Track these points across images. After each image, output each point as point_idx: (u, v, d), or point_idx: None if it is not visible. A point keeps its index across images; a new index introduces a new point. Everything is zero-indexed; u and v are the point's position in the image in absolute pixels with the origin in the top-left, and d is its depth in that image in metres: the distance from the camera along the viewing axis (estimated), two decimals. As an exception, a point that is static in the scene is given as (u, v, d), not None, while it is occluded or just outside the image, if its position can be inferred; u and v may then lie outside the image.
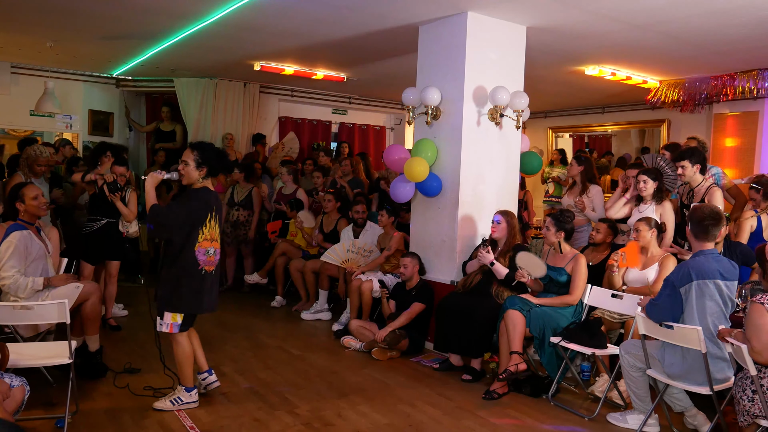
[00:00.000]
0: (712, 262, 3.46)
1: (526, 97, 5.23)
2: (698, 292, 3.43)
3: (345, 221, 6.77)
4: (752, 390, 3.04)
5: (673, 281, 3.51)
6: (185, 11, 5.58)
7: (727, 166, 7.83)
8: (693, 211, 3.69)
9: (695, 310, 3.43)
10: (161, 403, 3.85)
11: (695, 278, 3.42)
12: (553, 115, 10.88)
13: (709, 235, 3.53)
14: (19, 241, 4.00)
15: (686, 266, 3.50)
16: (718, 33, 5.52)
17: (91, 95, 9.15)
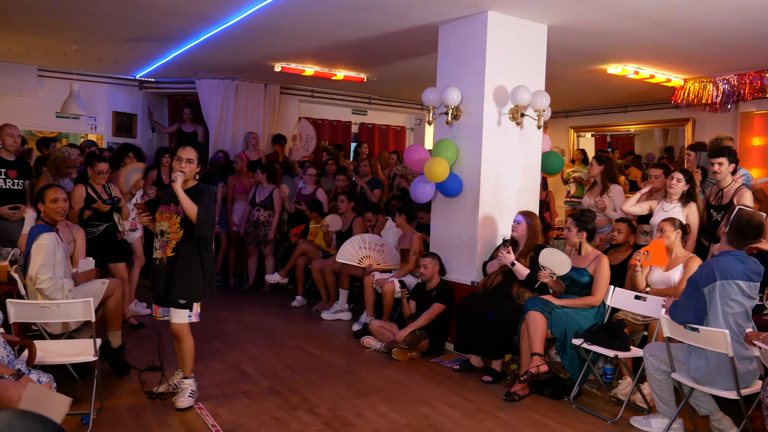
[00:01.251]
0: (737, 262, 3.40)
1: (548, 96, 5.18)
2: (722, 292, 3.36)
3: (361, 220, 6.79)
4: (780, 394, 2.97)
5: (697, 281, 3.45)
6: (207, 13, 5.63)
7: (754, 166, 7.68)
8: (738, 215, 3.55)
9: (719, 311, 3.36)
10: (182, 401, 3.89)
11: (719, 278, 3.35)
12: (575, 114, 10.78)
13: (741, 242, 3.45)
14: (49, 243, 4.05)
15: (710, 266, 3.43)
16: (743, 30, 5.42)
17: (115, 97, 9.29)
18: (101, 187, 5.42)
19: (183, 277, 3.80)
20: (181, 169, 3.76)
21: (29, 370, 3.08)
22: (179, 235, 3.78)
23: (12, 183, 5.34)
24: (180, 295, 3.81)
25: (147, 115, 9.50)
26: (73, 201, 5.14)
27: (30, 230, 4.14)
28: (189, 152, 3.81)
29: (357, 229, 6.75)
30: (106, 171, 5.42)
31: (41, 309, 3.55)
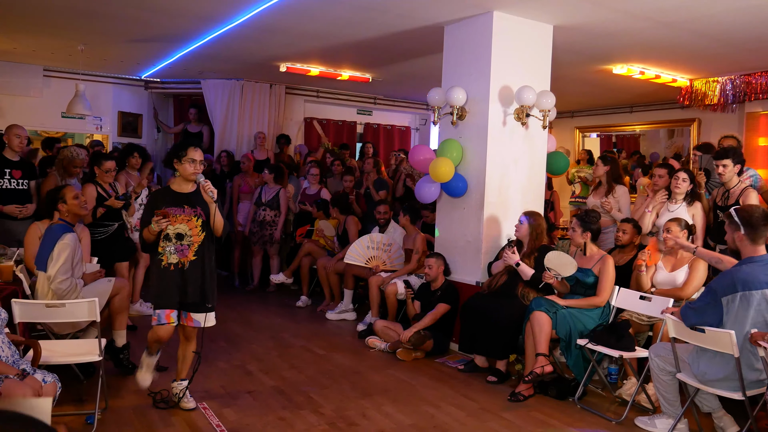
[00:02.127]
0: (760, 272, 3.27)
1: (553, 96, 5.17)
2: (742, 302, 3.27)
3: (353, 218, 6.81)
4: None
5: (716, 290, 3.35)
6: (212, 14, 5.64)
7: (760, 167, 7.63)
8: (741, 215, 3.45)
9: (737, 319, 3.28)
10: (190, 402, 3.90)
11: (740, 289, 3.25)
12: (580, 114, 10.75)
13: (757, 234, 3.34)
14: (73, 243, 4.06)
15: (731, 275, 3.32)
16: (749, 30, 5.39)
17: (120, 97, 9.32)
18: (109, 185, 5.46)
19: (210, 280, 3.79)
20: (197, 170, 3.71)
21: (34, 370, 3.09)
22: (201, 238, 3.72)
23: (17, 183, 5.36)
24: (211, 298, 3.79)
25: (152, 115, 9.53)
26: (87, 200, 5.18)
27: (52, 228, 4.11)
28: (200, 153, 3.76)
29: (351, 228, 6.77)
30: (113, 169, 5.47)
31: (46, 309, 3.56)
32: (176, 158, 3.73)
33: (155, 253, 3.73)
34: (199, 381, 4.32)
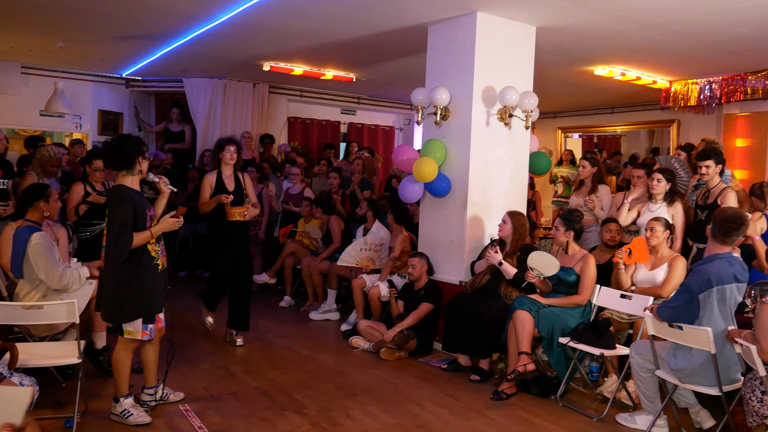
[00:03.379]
0: (728, 266, 3.42)
1: (536, 97, 5.21)
2: (719, 297, 3.38)
3: (335, 218, 6.82)
4: (761, 391, 3.02)
5: (692, 287, 3.43)
6: (195, 12, 5.60)
7: (738, 167, 7.77)
8: (717, 212, 3.61)
9: (717, 314, 3.39)
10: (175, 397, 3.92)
11: (715, 284, 3.37)
12: (563, 115, 10.84)
13: (728, 239, 3.47)
14: (43, 240, 4.00)
15: (705, 272, 3.41)
16: (728, 33, 5.48)
17: (100, 95, 9.21)
18: (101, 184, 5.35)
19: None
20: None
21: (11, 373, 3.03)
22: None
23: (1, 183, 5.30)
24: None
25: (133, 113, 9.42)
26: (71, 198, 5.11)
27: (18, 232, 4.02)
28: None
29: (335, 228, 6.76)
30: (104, 168, 5.31)
31: (24, 311, 3.50)
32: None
33: (145, 258, 3.55)
34: (180, 382, 4.29)
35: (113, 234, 3.44)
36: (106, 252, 3.53)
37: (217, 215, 5.05)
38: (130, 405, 3.64)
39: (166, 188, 3.78)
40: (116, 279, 3.50)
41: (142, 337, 3.60)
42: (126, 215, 3.44)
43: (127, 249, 3.44)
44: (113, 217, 3.45)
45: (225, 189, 5.06)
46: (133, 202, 3.50)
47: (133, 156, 3.58)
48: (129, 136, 3.76)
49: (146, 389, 3.85)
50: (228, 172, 5.14)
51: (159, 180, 3.76)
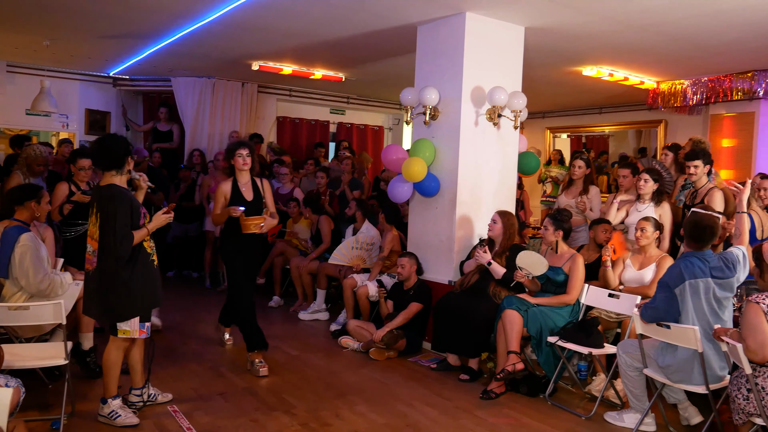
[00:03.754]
0: (700, 261, 3.48)
1: (524, 97, 5.23)
2: (692, 291, 3.45)
3: (325, 218, 6.80)
4: (747, 389, 3.05)
5: (668, 282, 3.52)
6: (183, 10, 5.57)
7: (724, 167, 7.84)
8: (688, 220, 3.69)
9: (691, 309, 3.44)
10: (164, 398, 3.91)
11: (688, 278, 3.44)
12: (551, 115, 10.88)
13: (700, 244, 3.55)
14: (32, 241, 3.96)
15: (677, 266, 3.53)
16: (715, 34, 5.53)
17: (87, 94, 9.13)
18: (86, 184, 5.29)
19: None
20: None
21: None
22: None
23: None
24: None
25: (121, 113, 9.35)
26: (56, 197, 5.05)
27: (6, 232, 3.96)
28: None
29: (324, 228, 6.75)
30: (89, 167, 5.21)
31: (10, 312, 3.47)
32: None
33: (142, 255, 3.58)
34: (169, 383, 4.26)
35: (116, 235, 3.43)
36: (104, 253, 3.50)
37: (230, 227, 4.61)
38: (117, 406, 3.61)
39: (145, 184, 3.86)
40: (115, 279, 3.49)
41: (140, 336, 3.60)
42: (127, 215, 3.48)
43: (130, 248, 3.48)
44: (114, 218, 3.44)
45: (242, 199, 4.58)
46: (130, 201, 3.54)
47: (123, 156, 3.60)
48: (117, 136, 3.75)
49: (134, 390, 3.83)
50: (244, 179, 4.66)
51: (140, 177, 3.82)
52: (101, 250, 3.51)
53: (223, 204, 4.59)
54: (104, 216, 3.48)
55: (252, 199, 4.63)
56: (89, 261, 3.58)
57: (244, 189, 4.64)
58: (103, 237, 3.48)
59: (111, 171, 3.57)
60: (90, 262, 3.57)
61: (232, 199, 4.58)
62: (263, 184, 4.76)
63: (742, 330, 3.05)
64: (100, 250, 3.51)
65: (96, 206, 3.54)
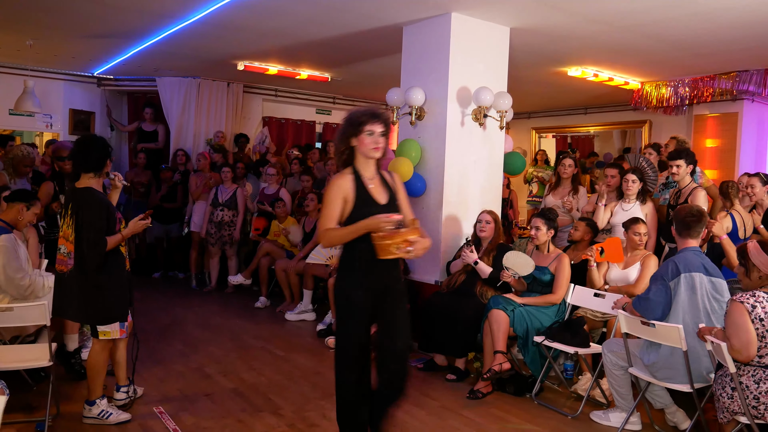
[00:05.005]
0: (696, 257, 3.57)
1: (510, 97, 5.26)
2: (687, 285, 3.50)
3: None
4: (731, 387, 3.08)
5: (662, 275, 3.57)
6: (169, 10, 5.53)
7: (708, 167, 7.93)
8: (677, 211, 3.81)
9: (683, 303, 3.49)
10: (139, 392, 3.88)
11: (683, 271, 3.51)
12: (537, 115, 10.94)
13: (692, 231, 3.64)
14: (11, 242, 3.91)
15: (673, 261, 3.59)
16: (698, 35, 5.59)
17: (71, 94, 9.04)
18: None
19: None
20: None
21: (-19, 377, 2.97)
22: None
23: None
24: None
25: (105, 113, 9.27)
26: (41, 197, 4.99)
27: None
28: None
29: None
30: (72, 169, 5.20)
31: (-7, 313, 3.43)
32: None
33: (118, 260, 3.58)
34: (154, 384, 4.24)
35: (89, 241, 3.40)
36: (79, 258, 3.47)
37: (354, 251, 2.93)
38: (106, 405, 3.61)
39: (120, 183, 3.86)
40: (94, 283, 3.47)
41: (120, 336, 3.60)
42: (101, 221, 3.45)
43: (103, 255, 3.44)
44: (87, 224, 3.41)
45: (372, 202, 2.95)
46: (106, 206, 3.52)
47: (104, 158, 3.59)
48: (97, 137, 3.73)
49: (120, 388, 3.83)
50: (370, 172, 3.01)
51: (115, 177, 3.82)
52: (77, 254, 3.48)
53: (340, 209, 2.92)
54: (80, 220, 3.46)
55: (386, 202, 2.99)
56: (64, 262, 3.55)
57: (372, 186, 2.99)
58: (79, 240, 3.46)
59: (89, 173, 3.55)
60: (65, 263, 3.54)
61: (358, 203, 2.92)
62: (394, 178, 3.16)
63: (726, 329, 3.09)
64: (75, 252, 3.49)
65: (71, 208, 3.51)
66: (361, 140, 2.94)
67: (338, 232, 2.89)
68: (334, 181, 2.97)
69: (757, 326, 2.97)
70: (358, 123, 2.93)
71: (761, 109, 8.27)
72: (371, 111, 2.97)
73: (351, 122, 2.96)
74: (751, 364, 3.03)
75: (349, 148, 2.99)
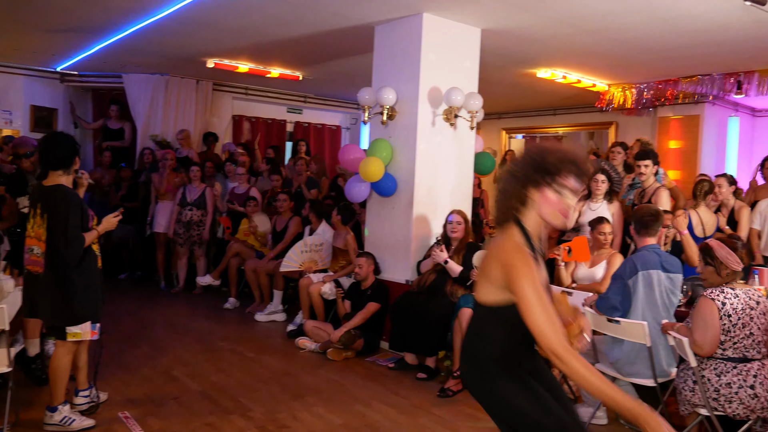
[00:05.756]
0: (654, 254, 3.67)
1: (480, 98, 5.30)
2: (645, 282, 3.60)
3: (298, 220, 6.72)
4: (693, 381, 3.17)
5: (621, 275, 3.68)
6: (136, 5, 5.42)
7: (671, 168, 8.11)
8: (635, 211, 3.94)
9: (641, 301, 3.59)
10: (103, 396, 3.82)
11: (641, 269, 3.61)
12: (507, 116, 11.05)
13: (650, 230, 3.75)
14: None
15: (631, 260, 3.70)
16: (662, 39, 5.71)
17: (32, 90, 8.79)
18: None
19: None
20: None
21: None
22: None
23: None
24: None
25: (69, 109, 9.04)
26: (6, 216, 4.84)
27: None
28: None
29: (292, 229, 6.67)
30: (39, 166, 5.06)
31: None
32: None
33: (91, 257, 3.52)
34: (120, 389, 4.15)
35: (68, 238, 3.34)
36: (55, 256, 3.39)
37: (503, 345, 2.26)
38: (68, 411, 3.52)
39: (87, 182, 3.83)
40: (69, 282, 3.41)
41: (92, 337, 3.53)
42: (77, 218, 3.40)
43: (81, 252, 3.40)
44: (65, 221, 3.34)
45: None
46: (80, 203, 3.46)
47: (72, 155, 3.53)
48: (65, 135, 3.66)
49: (81, 392, 3.74)
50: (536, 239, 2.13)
51: (82, 175, 3.79)
52: (50, 253, 3.40)
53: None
54: (54, 218, 3.38)
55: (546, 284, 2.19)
56: (36, 263, 3.45)
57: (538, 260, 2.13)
58: (53, 239, 3.38)
59: (58, 171, 3.47)
60: (37, 263, 3.44)
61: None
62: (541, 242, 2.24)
63: (692, 324, 3.16)
64: (48, 252, 3.40)
65: (41, 207, 3.42)
66: (546, 196, 2.04)
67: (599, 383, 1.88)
68: (518, 251, 2.00)
69: (724, 321, 3.06)
70: (550, 170, 2.03)
71: (722, 111, 8.51)
72: (574, 159, 2.05)
73: (539, 166, 2.05)
74: (714, 357, 3.11)
75: (525, 198, 2.07)
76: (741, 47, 5.80)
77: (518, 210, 2.07)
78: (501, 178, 2.23)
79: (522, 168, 2.07)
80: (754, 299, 3.14)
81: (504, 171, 2.20)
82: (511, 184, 2.09)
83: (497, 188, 2.22)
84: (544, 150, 2.07)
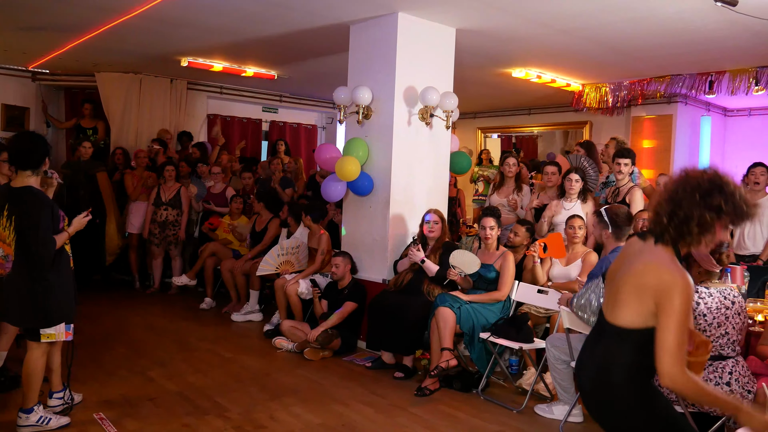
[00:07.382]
0: None
1: (456, 97, 5.33)
2: None
3: (277, 222, 6.69)
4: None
5: (597, 274, 3.67)
6: (108, 3, 5.35)
7: (645, 167, 8.25)
8: (608, 215, 3.94)
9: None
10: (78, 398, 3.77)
11: None
12: (482, 115, 11.12)
13: (623, 229, 3.87)
14: None
15: (606, 259, 3.75)
16: (635, 39, 5.80)
17: (3, 88, 8.61)
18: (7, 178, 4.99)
19: None
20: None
21: None
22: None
23: None
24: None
25: (41, 108, 8.88)
26: None
27: None
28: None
29: (272, 230, 6.64)
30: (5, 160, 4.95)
31: None
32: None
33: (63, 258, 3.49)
34: (95, 390, 4.09)
35: (39, 241, 3.29)
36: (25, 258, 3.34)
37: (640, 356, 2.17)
38: (43, 411, 3.48)
39: (56, 182, 3.81)
40: (40, 284, 3.35)
41: (66, 338, 3.49)
42: (48, 220, 3.35)
43: (53, 253, 3.36)
44: (36, 223, 3.30)
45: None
46: (50, 204, 3.42)
47: (43, 156, 3.47)
48: (35, 134, 3.61)
49: (54, 394, 3.70)
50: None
51: (52, 175, 3.75)
52: (21, 255, 3.35)
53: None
54: (24, 220, 3.33)
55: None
56: (2, 266, 3.39)
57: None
58: (23, 241, 3.33)
59: (27, 171, 3.41)
60: (2, 266, 3.39)
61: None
62: None
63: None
64: (18, 254, 3.35)
65: (8, 208, 3.37)
66: (719, 231, 1.96)
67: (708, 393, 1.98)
68: (685, 281, 1.92)
69: (699, 321, 3.10)
70: (737, 210, 1.94)
71: (694, 111, 8.67)
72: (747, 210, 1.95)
73: (732, 200, 1.94)
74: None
75: (708, 227, 1.95)
76: (712, 47, 5.92)
77: (691, 235, 1.95)
78: (676, 193, 1.99)
79: (715, 195, 1.91)
80: (730, 299, 3.19)
81: (684, 188, 1.98)
82: (695, 208, 1.93)
83: (664, 200, 2.02)
84: (734, 183, 1.95)
